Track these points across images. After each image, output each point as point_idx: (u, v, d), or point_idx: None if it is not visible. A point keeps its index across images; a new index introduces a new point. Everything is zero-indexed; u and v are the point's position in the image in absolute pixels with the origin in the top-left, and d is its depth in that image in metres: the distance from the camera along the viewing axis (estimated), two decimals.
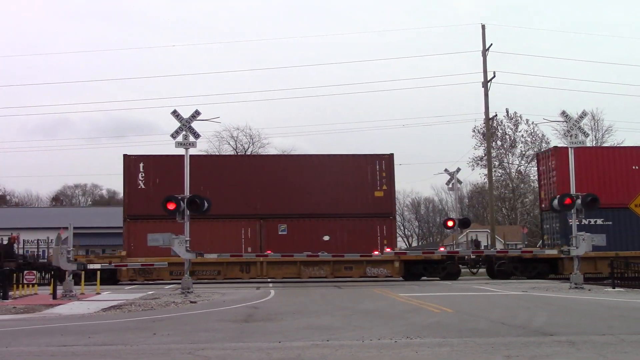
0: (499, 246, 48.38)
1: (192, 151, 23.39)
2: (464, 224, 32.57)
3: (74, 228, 20.87)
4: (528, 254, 30.37)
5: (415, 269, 29.95)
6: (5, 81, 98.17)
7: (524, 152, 60.36)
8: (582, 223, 24.29)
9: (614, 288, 21.80)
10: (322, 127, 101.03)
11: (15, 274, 22.10)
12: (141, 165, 29.64)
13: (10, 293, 19.93)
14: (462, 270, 32.39)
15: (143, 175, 29.53)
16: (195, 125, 22.26)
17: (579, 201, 22.53)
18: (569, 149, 23.65)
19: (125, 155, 29.97)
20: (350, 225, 29.97)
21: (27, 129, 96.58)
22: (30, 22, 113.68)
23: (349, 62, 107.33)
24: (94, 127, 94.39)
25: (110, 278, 27.72)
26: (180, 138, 22.20)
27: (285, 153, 55.82)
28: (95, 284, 22.83)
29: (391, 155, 30.85)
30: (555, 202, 23.16)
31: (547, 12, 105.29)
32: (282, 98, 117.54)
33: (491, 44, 43.06)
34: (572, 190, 23.09)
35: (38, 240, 37.66)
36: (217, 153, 60.23)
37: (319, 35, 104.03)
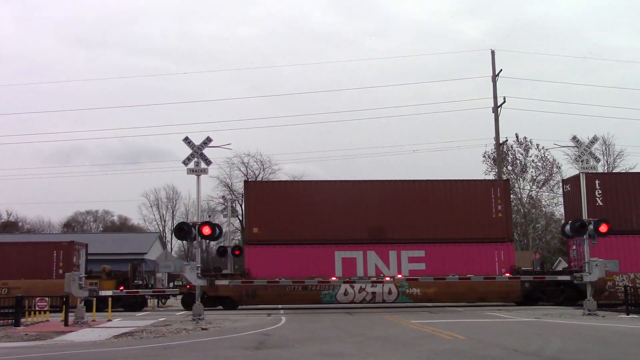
0: None
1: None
2: None
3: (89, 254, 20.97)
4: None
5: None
6: (22, 108, 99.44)
7: (535, 177, 60.17)
8: None
9: (628, 315, 21.58)
10: (332, 153, 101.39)
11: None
12: None
13: (22, 320, 19.98)
14: None
15: None
16: (206, 151, 22.43)
17: (591, 226, 22.43)
18: (581, 174, 23.59)
19: None
20: None
21: (42, 156, 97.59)
22: (45, 51, 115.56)
23: (359, 88, 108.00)
24: (107, 154, 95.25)
25: None
26: (192, 165, 22.30)
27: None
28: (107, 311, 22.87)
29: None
30: (567, 227, 23.10)
31: (556, 37, 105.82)
32: (291, 124, 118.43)
33: (501, 70, 43.24)
34: (585, 216, 23.04)
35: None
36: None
37: (327, 62, 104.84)
